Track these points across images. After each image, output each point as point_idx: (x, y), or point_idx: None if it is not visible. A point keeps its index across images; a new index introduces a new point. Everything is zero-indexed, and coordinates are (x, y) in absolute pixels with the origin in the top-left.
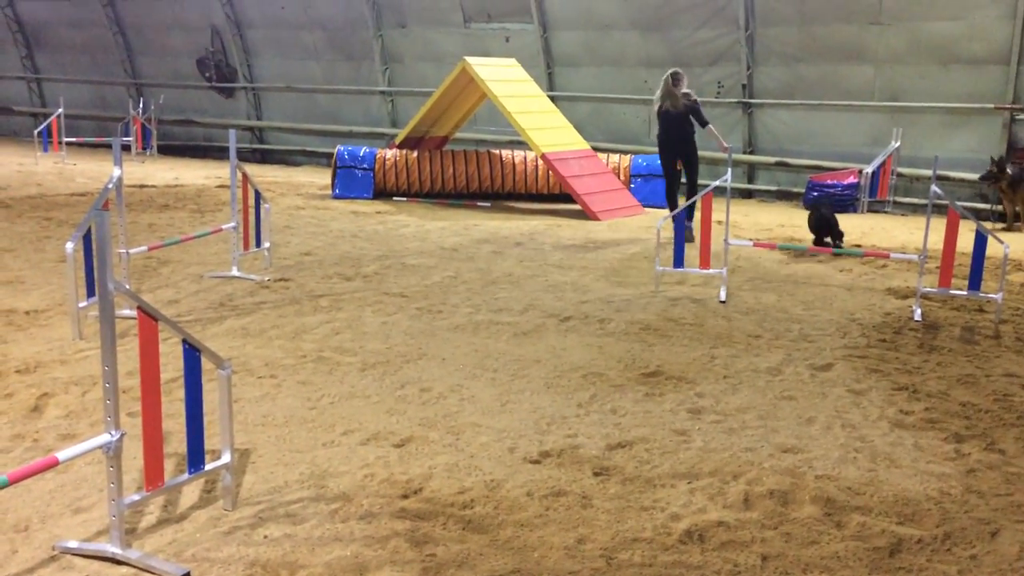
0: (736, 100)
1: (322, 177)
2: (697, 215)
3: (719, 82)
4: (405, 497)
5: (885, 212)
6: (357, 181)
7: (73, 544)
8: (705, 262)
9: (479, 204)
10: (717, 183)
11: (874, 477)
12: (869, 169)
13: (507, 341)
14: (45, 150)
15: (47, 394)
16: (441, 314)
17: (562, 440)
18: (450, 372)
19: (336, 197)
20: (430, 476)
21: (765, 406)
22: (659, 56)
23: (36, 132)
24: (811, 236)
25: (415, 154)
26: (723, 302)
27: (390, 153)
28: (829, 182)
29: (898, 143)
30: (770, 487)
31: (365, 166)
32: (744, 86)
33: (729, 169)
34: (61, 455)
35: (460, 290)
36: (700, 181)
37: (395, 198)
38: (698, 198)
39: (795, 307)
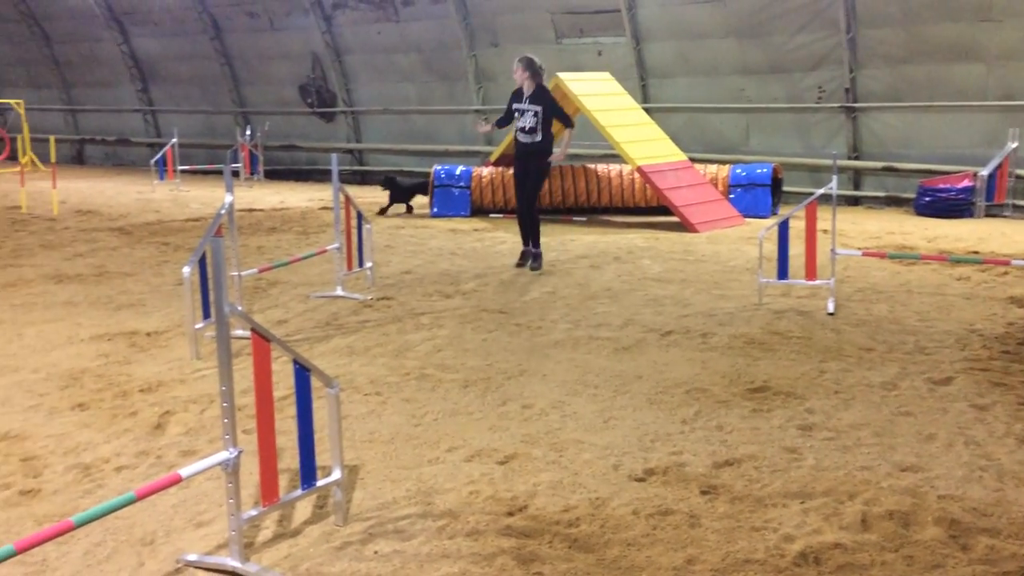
0: (838, 105)
1: (421, 197)
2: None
3: (820, 87)
4: (510, 514)
5: (1004, 216)
6: (454, 199)
7: (195, 557)
8: (811, 273)
9: (575, 219)
10: (822, 191)
11: (1002, 497)
12: (985, 172)
13: (608, 357)
14: (161, 178)
15: (168, 412)
16: (540, 330)
17: (667, 457)
18: (551, 388)
19: (434, 216)
20: (535, 493)
21: (881, 422)
22: (756, 63)
23: (152, 161)
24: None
25: (511, 171)
26: (831, 314)
27: (486, 171)
28: (942, 186)
29: (1016, 144)
30: (889, 508)
31: (462, 184)
32: (847, 90)
33: (835, 176)
34: (184, 472)
35: (559, 306)
36: (801, 188)
37: (492, 215)
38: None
39: (909, 318)
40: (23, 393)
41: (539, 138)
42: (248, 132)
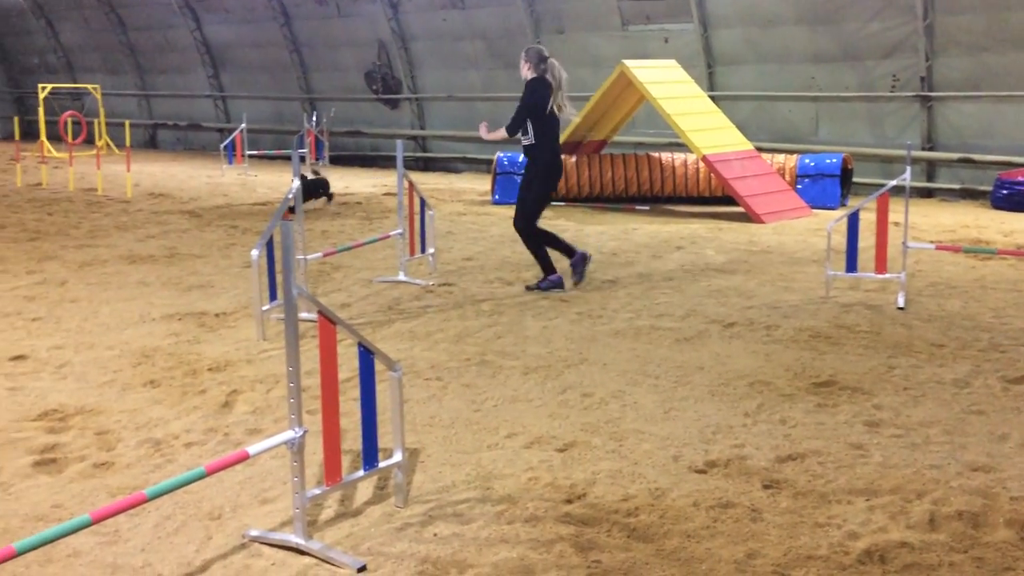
0: (913, 94)
1: (482, 183)
2: None
3: (894, 75)
4: (569, 502)
5: None
6: (516, 187)
7: (260, 533)
8: (881, 266)
9: (638, 208)
10: (894, 182)
11: None
12: None
13: (669, 347)
14: (230, 163)
15: (235, 391)
16: (601, 319)
17: (729, 450)
18: (611, 377)
19: (496, 203)
20: (594, 482)
21: (951, 421)
22: (828, 51)
23: (222, 146)
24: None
25: (573, 158)
26: (901, 308)
27: None
28: (1020, 179)
29: None
30: (959, 508)
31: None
32: (923, 79)
33: (908, 167)
34: (251, 449)
35: (620, 295)
36: (872, 179)
37: (553, 203)
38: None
39: (984, 314)
40: (98, 369)
41: (530, 140)
42: (314, 118)
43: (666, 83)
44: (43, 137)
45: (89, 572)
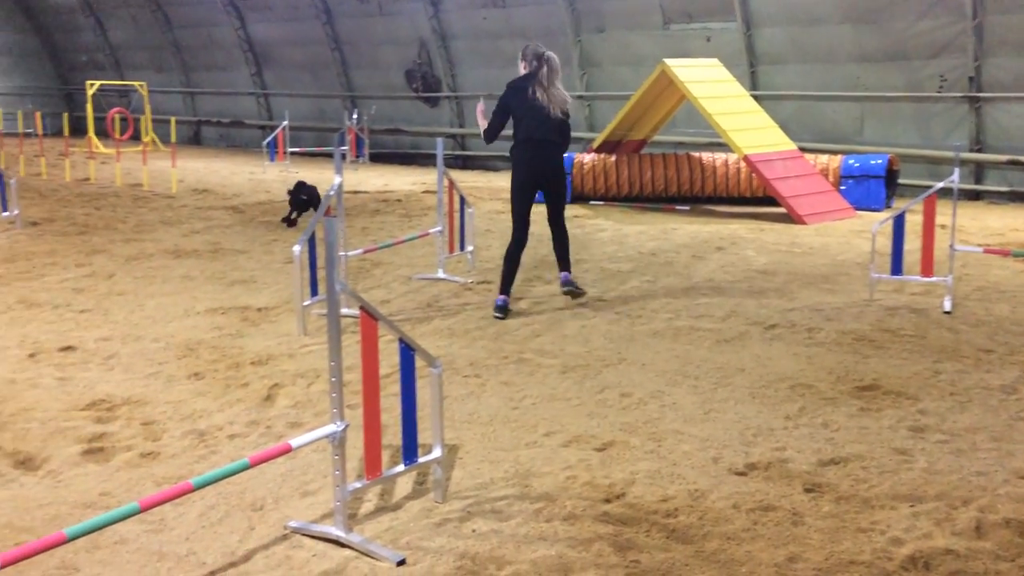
0: (961, 94)
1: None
2: None
3: (941, 75)
4: (608, 501)
5: None
6: None
7: (301, 525)
8: (927, 269)
9: (677, 208)
10: (942, 184)
11: None
12: None
13: (709, 348)
14: (272, 159)
15: (277, 385)
16: (640, 319)
17: (769, 453)
18: (650, 378)
19: (536, 202)
20: (632, 482)
21: (999, 427)
22: (873, 50)
23: (264, 143)
24: None
25: (613, 158)
26: (948, 312)
27: (587, 157)
28: None
29: None
30: (1006, 515)
31: None
32: (971, 79)
33: (956, 169)
34: (294, 442)
35: (659, 295)
36: (918, 181)
37: (592, 202)
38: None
39: None
40: (144, 361)
41: (513, 143)
42: (355, 116)
43: (708, 82)
44: (91, 133)
45: (135, 559)
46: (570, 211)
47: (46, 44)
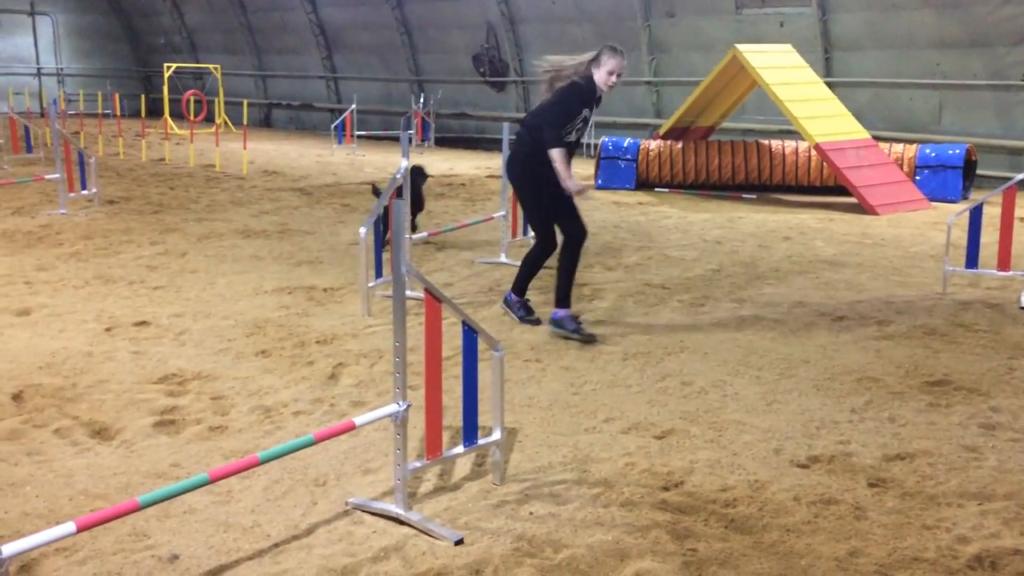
0: None
1: (586, 167)
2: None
3: None
4: (666, 489)
5: None
6: (620, 172)
7: (362, 501)
8: (1004, 263)
9: (744, 196)
10: (1022, 176)
11: None
12: None
13: (773, 339)
14: (339, 143)
15: (341, 364)
16: (703, 307)
17: (833, 446)
18: (712, 367)
19: (599, 187)
20: (691, 470)
21: None
22: (954, 36)
23: (332, 126)
24: None
25: (679, 145)
26: None
27: (654, 144)
28: None
29: None
30: None
31: (628, 157)
32: None
33: None
34: (358, 420)
35: (723, 284)
36: (998, 172)
37: (657, 189)
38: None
39: None
40: (214, 337)
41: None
42: (422, 100)
43: (780, 68)
44: (167, 114)
45: (203, 528)
46: (634, 198)
47: (125, 27)
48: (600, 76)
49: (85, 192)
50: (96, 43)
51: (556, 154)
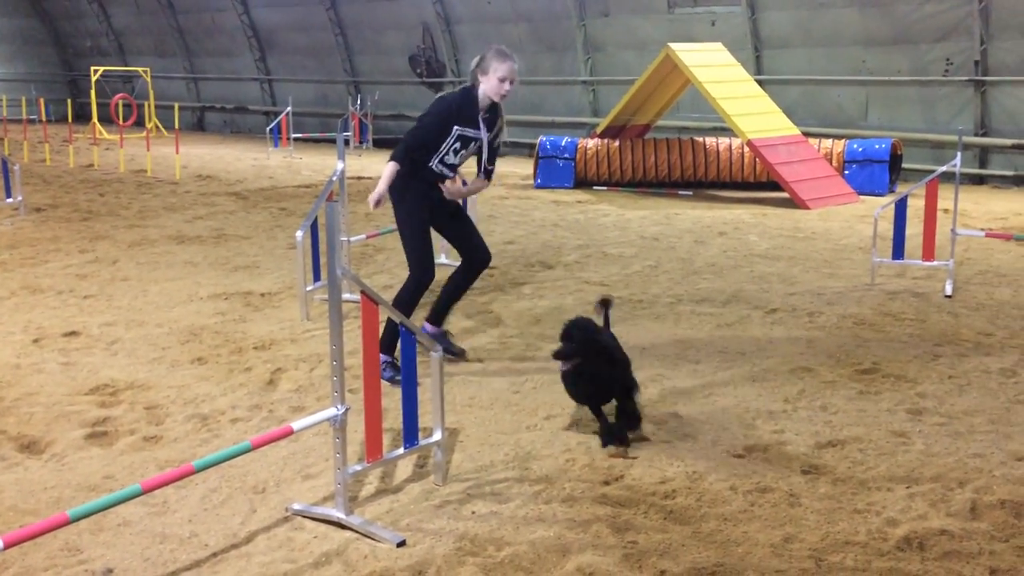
0: (967, 78)
1: (524, 167)
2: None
3: (947, 59)
4: (606, 483)
5: None
6: (558, 171)
7: (303, 507)
8: (929, 253)
9: (680, 193)
10: (944, 168)
11: None
12: None
13: (710, 332)
14: (275, 146)
15: (280, 369)
16: (642, 303)
17: (768, 435)
18: (651, 361)
19: (538, 187)
20: (631, 464)
21: (997, 410)
22: (880, 33)
23: (268, 129)
24: None
25: (616, 143)
26: (949, 296)
27: (591, 142)
28: None
29: None
30: (1001, 497)
31: (566, 156)
32: (977, 63)
33: (959, 152)
34: (295, 425)
35: (661, 280)
36: (923, 166)
37: (596, 187)
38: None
39: None
40: (148, 346)
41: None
42: (359, 101)
43: (712, 67)
44: (95, 119)
45: (139, 541)
46: (573, 196)
47: (50, 30)
48: (490, 85)
49: (10, 200)
50: (19, 47)
51: (388, 167)
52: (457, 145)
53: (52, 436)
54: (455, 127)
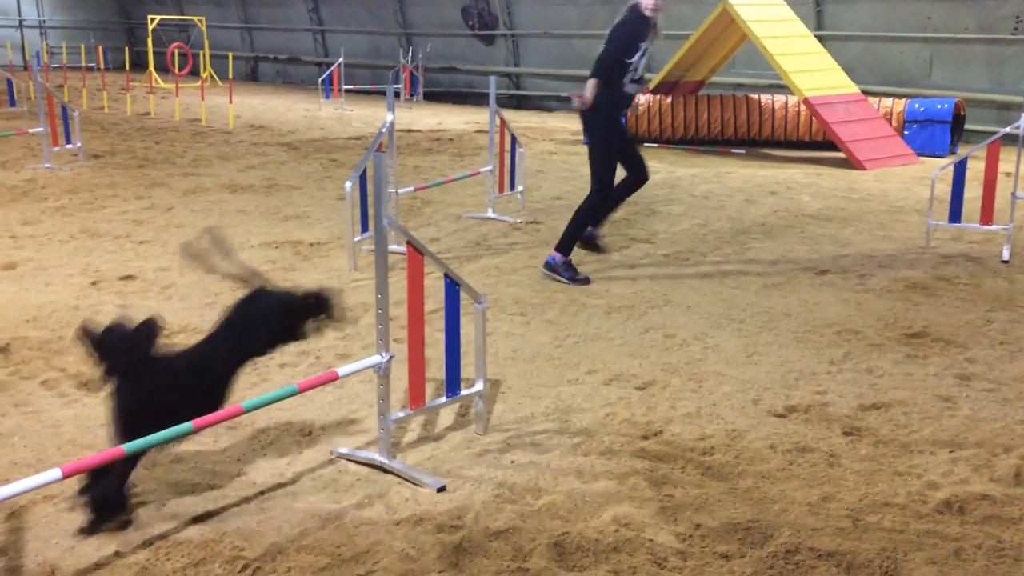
0: None
1: (574, 123)
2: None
3: (1017, 17)
4: (645, 438)
5: None
6: None
7: (347, 451)
8: (987, 217)
9: (733, 151)
10: (1007, 130)
11: None
12: None
13: (756, 292)
14: (327, 97)
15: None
16: (688, 262)
17: (810, 396)
18: (695, 320)
19: (587, 143)
20: (670, 420)
21: None
22: None
23: (319, 80)
24: None
25: (669, 99)
26: (1006, 262)
27: (643, 98)
28: None
29: None
30: None
31: None
32: None
33: (1023, 114)
34: (340, 371)
35: (709, 239)
36: (988, 127)
37: (647, 144)
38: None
39: None
40: (200, 291)
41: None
42: (410, 54)
43: (770, 21)
44: (151, 68)
45: (190, 477)
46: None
47: None
48: (645, 3)
49: (69, 146)
50: None
51: (591, 82)
52: (644, 60)
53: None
54: (640, 43)
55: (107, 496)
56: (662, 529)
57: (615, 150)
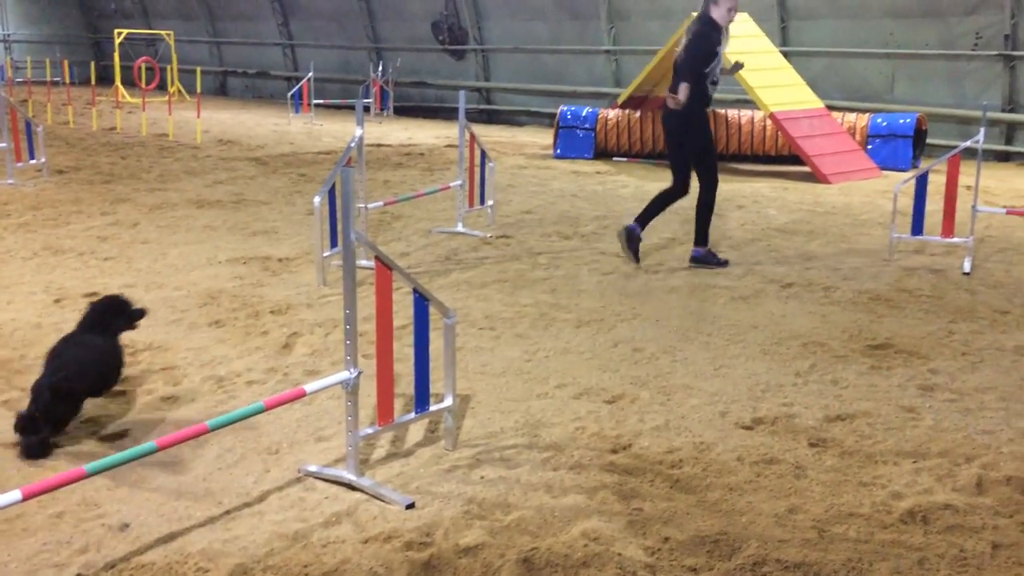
0: (996, 52)
1: (544, 137)
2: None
3: (977, 33)
4: (614, 452)
5: None
6: (578, 141)
7: (315, 468)
8: (948, 230)
9: None
10: (967, 143)
11: None
12: None
13: (724, 305)
14: (296, 111)
15: (295, 333)
16: (657, 275)
17: (777, 408)
18: (664, 333)
19: (557, 157)
20: (639, 433)
21: (1009, 387)
22: (907, 5)
23: (289, 95)
24: None
25: (637, 114)
26: (967, 274)
27: (612, 113)
28: None
29: None
30: (1008, 473)
31: (587, 126)
32: (1007, 37)
33: (982, 128)
34: (308, 387)
35: (677, 252)
36: (949, 141)
37: (615, 158)
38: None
39: None
40: (166, 308)
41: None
42: (380, 68)
43: (737, 37)
44: (118, 82)
45: (154, 497)
46: (592, 167)
47: None
48: (719, 13)
49: (33, 162)
50: (44, 9)
51: (683, 86)
52: (720, 64)
53: None
54: (716, 48)
55: (39, 447)
56: (631, 543)
57: (709, 139)
